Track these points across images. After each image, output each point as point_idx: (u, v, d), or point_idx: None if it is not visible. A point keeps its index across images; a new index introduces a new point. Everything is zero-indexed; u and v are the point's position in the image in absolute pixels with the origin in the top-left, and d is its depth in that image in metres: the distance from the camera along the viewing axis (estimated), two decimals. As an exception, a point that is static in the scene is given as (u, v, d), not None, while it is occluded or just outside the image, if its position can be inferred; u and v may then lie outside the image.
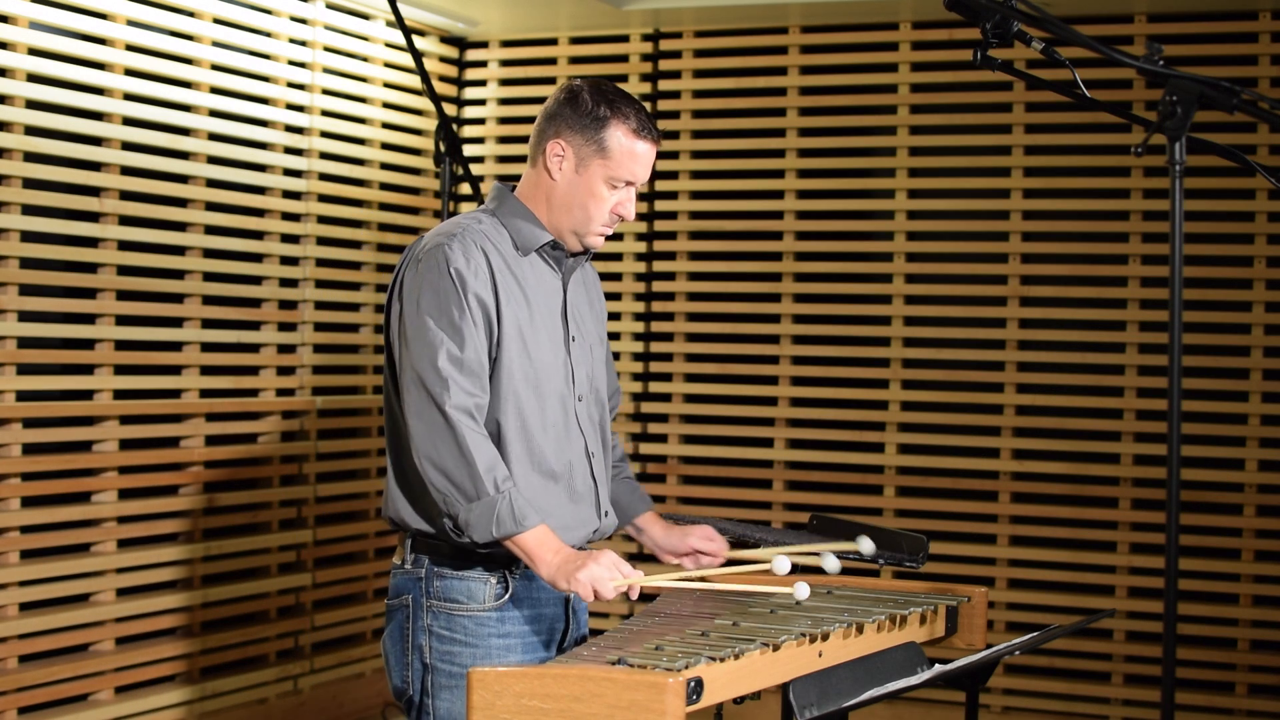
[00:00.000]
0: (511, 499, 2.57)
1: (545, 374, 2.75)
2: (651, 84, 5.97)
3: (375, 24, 5.59)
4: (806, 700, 2.46)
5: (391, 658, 2.80)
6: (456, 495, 2.58)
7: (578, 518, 2.79)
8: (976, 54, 2.52)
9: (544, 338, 2.76)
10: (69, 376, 4.51)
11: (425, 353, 2.63)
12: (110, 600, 4.60)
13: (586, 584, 2.53)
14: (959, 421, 5.51)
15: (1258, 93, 2.33)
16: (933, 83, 5.60)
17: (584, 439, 2.83)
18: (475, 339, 2.64)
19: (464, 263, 2.66)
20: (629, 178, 2.75)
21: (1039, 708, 5.38)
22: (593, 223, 2.77)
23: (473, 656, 2.71)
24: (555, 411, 2.76)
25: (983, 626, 3.01)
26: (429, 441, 2.60)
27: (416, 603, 2.75)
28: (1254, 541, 5.17)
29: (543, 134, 2.78)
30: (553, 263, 2.83)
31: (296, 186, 5.28)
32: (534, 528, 2.58)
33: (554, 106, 2.78)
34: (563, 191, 2.76)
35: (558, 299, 2.83)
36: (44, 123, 4.37)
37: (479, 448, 2.59)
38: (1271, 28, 5.17)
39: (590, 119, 2.73)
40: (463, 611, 2.73)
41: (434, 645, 2.73)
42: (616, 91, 2.78)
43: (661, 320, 5.95)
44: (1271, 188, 3.97)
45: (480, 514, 2.57)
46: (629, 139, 2.74)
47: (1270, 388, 5.17)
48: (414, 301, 2.67)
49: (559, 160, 2.75)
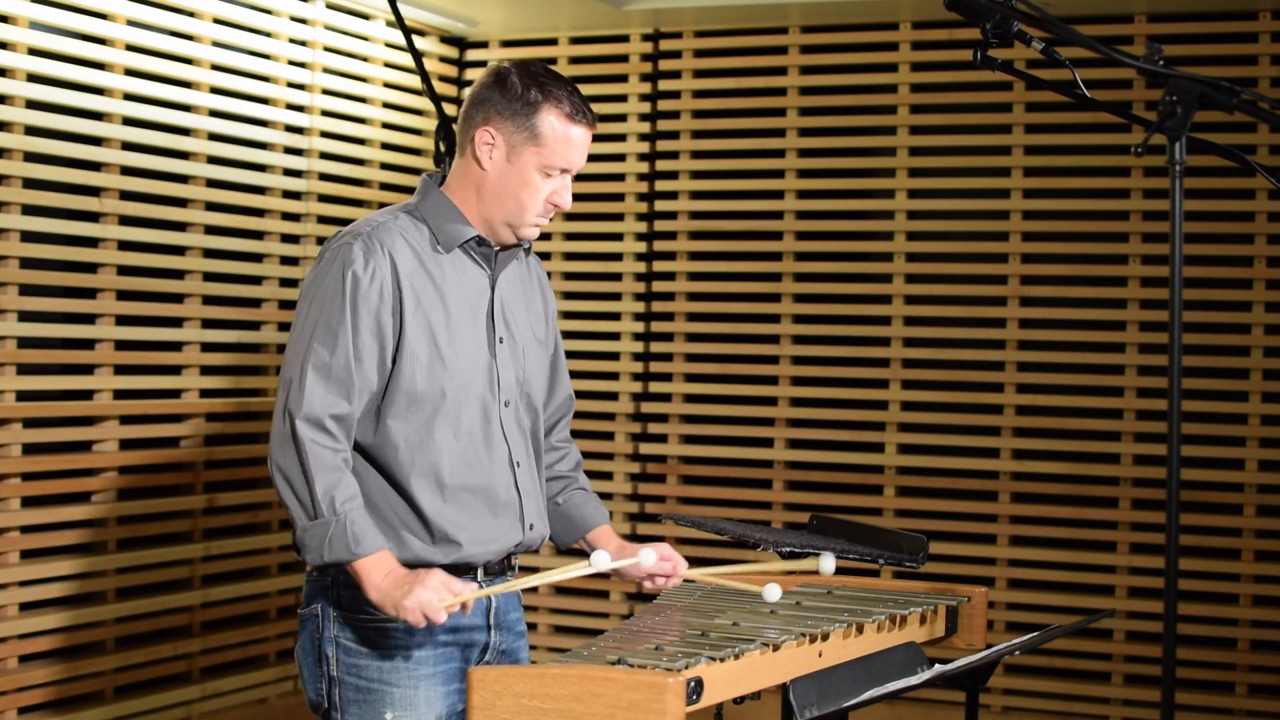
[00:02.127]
0: (348, 522, 2.43)
1: (462, 379, 2.59)
2: (651, 84, 5.97)
3: (375, 24, 5.59)
4: (806, 700, 2.46)
5: (304, 670, 2.66)
6: (298, 510, 2.47)
7: (496, 530, 2.65)
8: (976, 54, 2.52)
9: (463, 340, 2.60)
10: (69, 376, 4.51)
11: (295, 356, 2.51)
12: (110, 600, 4.60)
13: (414, 609, 2.39)
14: (959, 421, 5.51)
15: (1258, 93, 2.33)
16: (933, 83, 5.60)
17: (508, 447, 2.67)
18: (349, 345, 2.49)
19: (361, 264, 2.51)
20: (564, 165, 2.60)
21: (1039, 708, 5.38)
22: (526, 213, 2.61)
23: (380, 670, 2.58)
24: (474, 418, 2.61)
25: (983, 626, 3.00)
26: (279, 449, 2.49)
27: (324, 612, 2.60)
28: (1254, 541, 5.17)
29: (470, 121, 2.62)
30: (479, 260, 2.66)
31: (296, 186, 5.28)
32: (368, 555, 2.44)
33: (481, 91, 2.62)
34: (494, 181, 2.60)
35: (484, 298, 2.66)
36: (44, 123, 4.37)
37: (320, 464, 2.45)
38: (1271, 28, 5.17)
39: (521, 103, 2.58)
40: (369, 622, 2.57)
41: (340, 657, 2.59)
42: (547, 73, 2.63)
43: (661, 320, 5.95)
44: (1271, 188, 3.97)
45: (314, 535, 2.45)
46: (563, 124, 2.59)
47: (1270, 388, 5.17)
48: (304, 300, 2.57)
49: (489, 149, 2.59)
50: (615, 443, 5.95)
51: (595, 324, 5.99)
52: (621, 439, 5.96)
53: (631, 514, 5.92)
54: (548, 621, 5.96)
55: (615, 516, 5.90)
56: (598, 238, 6.03)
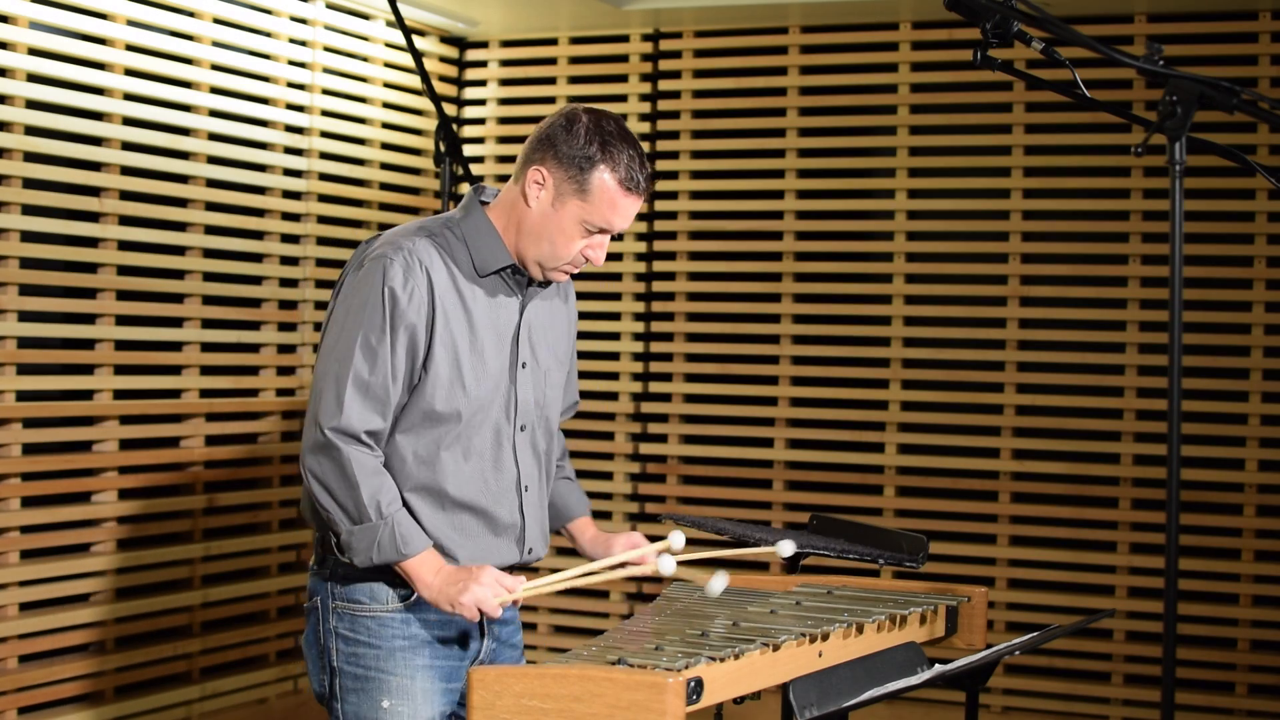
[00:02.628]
0: (395, 525, 2.50)
1: (480, 402, 2.62)
2: (651, 84, 5.97)
3: (375, 24, 5.59)
4: (806, 700, 2.46)
5: (309, 661, 2.71)
6: (340, 515, 2.52)
7: (495, 550, 2.67)
8: (976, 54, 2.52)
9: (485, 364, 2.63)
10: (69, 376, 4.51)
11: (334, 368, 2.55)
12: (110, 600, 4.60)
13: (470, 605, 2.47)
14: (959, 421, 5.51)
15: (1258, 93, 2.33)
16: (933, 83, 5.60)
17: (517, 470, 2.70)
18: (388, 363, 2.54)
19: (401, 281, 2.54)
20: (604, 225, 2.61)
21: (1039, 708, 5.38)
22: (559, 260, 2.64)
23: (376, 658, 2.62)
24: (486, 441, 2.65)
25: (983, 626, 3.00)
26: (315, 456, 2.54)
27: (325, 604, 2.66)
28: (1254, 541, 5.17)
29: (530, 156, 2.63)
30: (512, 285, 2.70)
31: (296, 186, 5.28)
32: (417, 554, 2.51)
33: (549, 129, 2.62)
34: (535, 221, 2.62)
35: (511, 323, 2.70)
36: (44, 123, 4.37)
37: (364, 470, 2.51)
38: (1271, 28, 5.17)
39: (579, 155, 2.57)
40: (366, 612, 2.63)
41: (339, 647, 2.64)
42: (617, 130, 2.61)
43: (661, 320, 5.95)
44: (1271, 188, 3.97)
45: (361, 538, 2.51)
46: (614, 188, 2.58)
47: (1270, 388, 5.17)
48: (343, 310, 2.59)
49: (538, 188, 2.61)
50: (615, 443, 5.95)
51: (595, 324, 5.99)
52: (621, 439, 5.96)
53: (631, 514, 5.92)
54: (548, 621, 5.96)
55: (615, 516, 5.90)
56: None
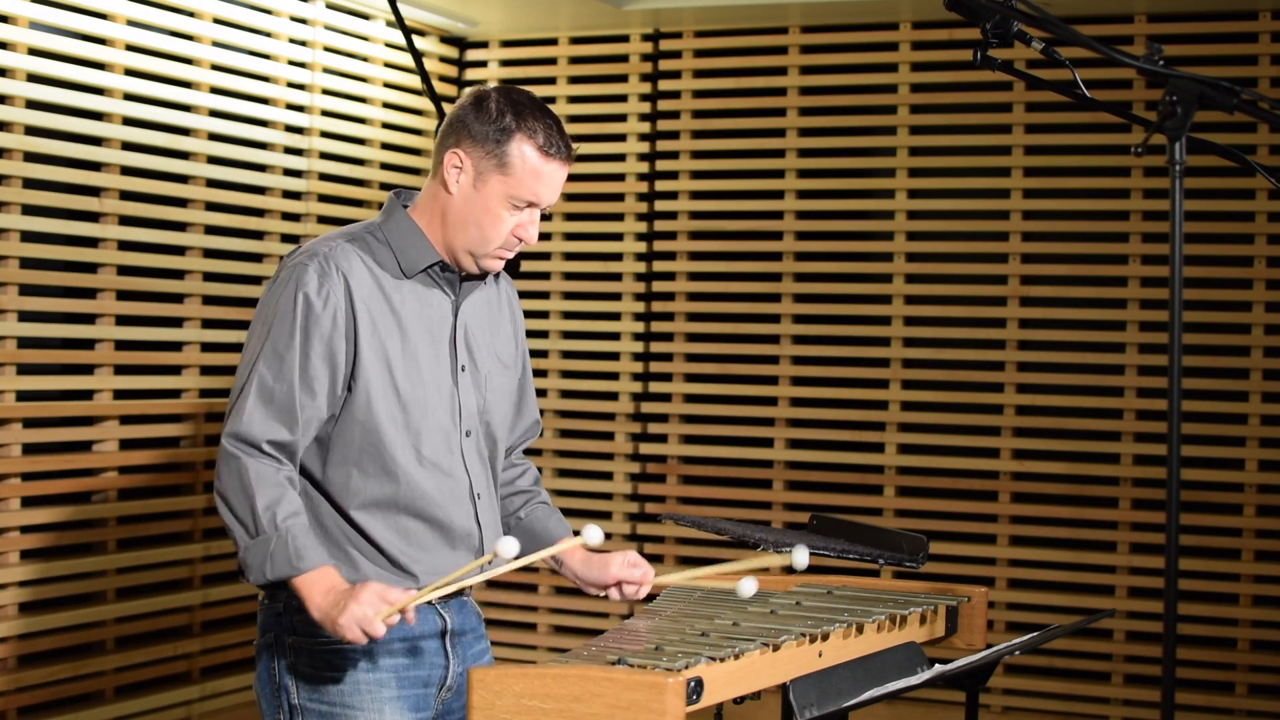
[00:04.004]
0: (290, 537, 2.34)
1: (421, 408, 2.48)
2: (651, 84, 5.97)
3: (375, 24, 5.59)
4: (806, 700, 2.46)
5: (262, 701, 2.54)
6: (239, 530, 2.38)
7: (453, 562, 2.53)
8: (976, 54, 2.51)
9: (422, 369, 2.50)
10: (69, 376, 4.51)
11: (239, 377, 2.44)
12: (110, 600, 4.60)
13: (350, 625, 2.28)
14: (959, 421, 5.52)
15: (1258, 93, 2.33)
16: (933, 83, 5.60)
17: (469, 479, 2.55)
18: (295, 371, 2.40)
19: (315, 287, 2.42)
20: (531, 198, 2.46)
21: (1039, 708, 5.38)
22: (489, 244, 2.48)
23: (342, 694, 2.47)
24: (436, 448, 2.50)
25: (983, 626, 3.00)
26: (219, 469, 2.40)
27: (280, 641, 2.49)
28: (1254, 541, 5.17)
29: (443, 141, 2.49)
30: (443, 285, 2.54)
31: (296, 186, 5.28)
32: (311, 569, 2.34)
33: (458, 112, 2.49)
34: (458, 207, 2.47)
35: (446, 325, 2.54)
36: (44, 123, 4.37)
37: (261, 480, 2.36)
38: (1271, 28, 5.17)
39: (493, 129, 2.44)
40: (327, 646, 2.46)
41: (299, 685, 2.48)
42: (529, 100, 2.48)
43: (661, 320, 5.95)
44: (1271, 188, 3.97)
45: (255, 553, 2.37)
46: (534, 156, 2.44)
47: (1270, 388, 5.17)
48: (258, 320, 2.47)
49: (456, 172, 2.47)
50: (615, 443, 5.95)
51: (595, 324, 5.99)
52: (621, 439, 5.96)
53: (631, 514, 5.92)
54: (548, 621, 5.96)
55: (615, 516, 5.90)
56: (598, 238, 6.03)
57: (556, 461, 6.02)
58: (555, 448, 6.02)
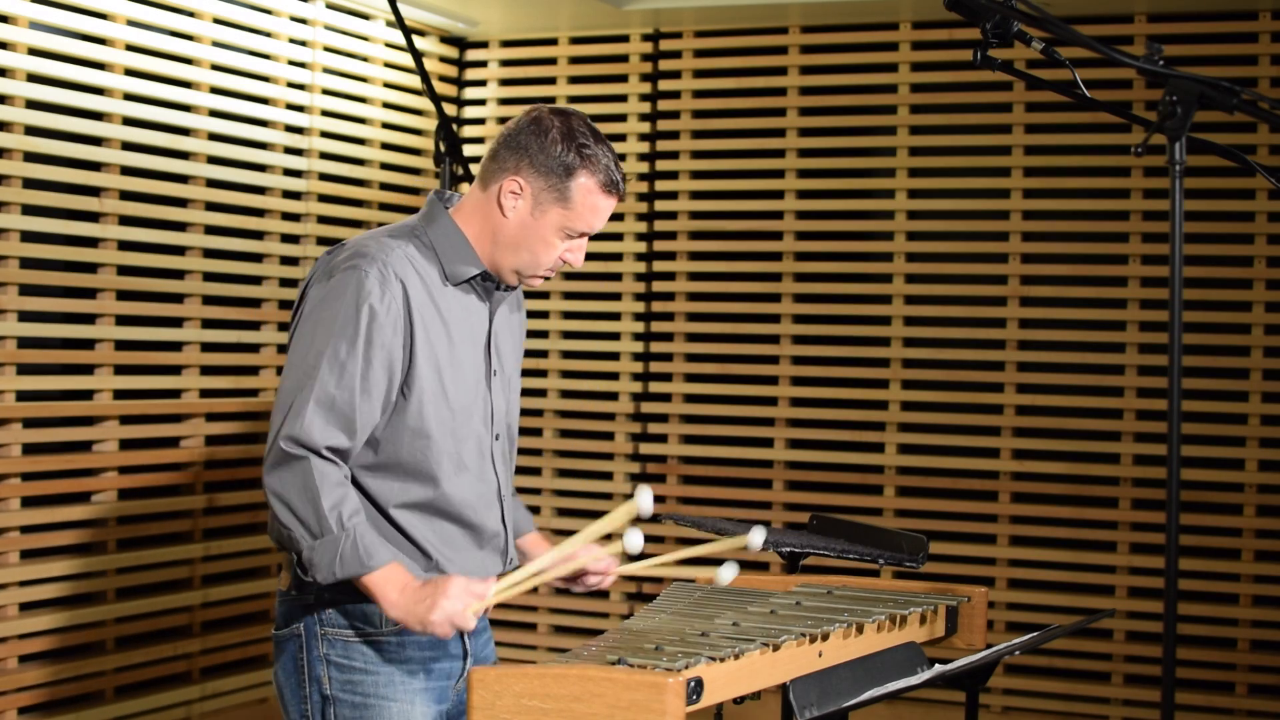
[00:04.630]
0: (357, 536, 2.39)
1: (463, 414, 2.55)
2: (651, 84, 5.97)
3: (375, 24, 5.59)
4: (806, 700, 2.46)
5: (286, 692, 2.60)
6: (301, 531, 2.40)
7: (481, 564, 2.61)
8: (976, 54, 2.52)
9: (465, 374, 2.56)
10: (69, 376, 4.51)
11: (298, 382, 2.44)
12: (110, 600, 4.60)
13: (441, 622, 2.36)
14: (959, 421, 5.52)
15: (1258, 93, 2.33)
16: (933, 83, 5.60)
17: (498, 480, 2.64)
18: (356, 379, 2.44)
19: (378, 295, 2.45)
20: (585, 229, 2.55)
21: (1039, 708, 5.38)
22: (539, 267, 2.55)
23: (375, 684, 2.53)
24: (471, 454, 2.57)
25: (983, 626, 3.00)
26: (275, 471, 2.42)
27: (310, 631, 2.55)
28: (1254, 541, 5.17)
29: (500, 162, 2.54)
30: (480, 292, 2.61)
31: (296, 186, 5.28)
32: (381, 566, 2.40)
33: (519, 135, 2.53)
34: (512, 231, 2.53)
35: (483, 331, 2.62)
36: (44, 123, 4.37)
37: (326, 480, 2.40)
38: (1271, 28, 5.17)
39: (557, 163, 2.50)
40: (359, 638, 2.53)
41: (333, 675, 2.54)
42: (589, 132, 2.53)
43: (661, 320, 5.95)
44: (1271, 188, 3.97)
45: (323, 553, 2.39)
46: (595, 193, 2.52)
47: (1270, 388, 5.17)
48: (311, 323, 2.48)
49: (514, 198, 2.52)
50: (615, 443, 5.95)
51: (595, 324, 5.99)
52: (621, 439, 5.96)
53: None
54: (548, 621, 5.96)
55: (615, 516, 5.89)
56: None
57: (556, 461, 6.02)
58: (555, 448, 6.02)
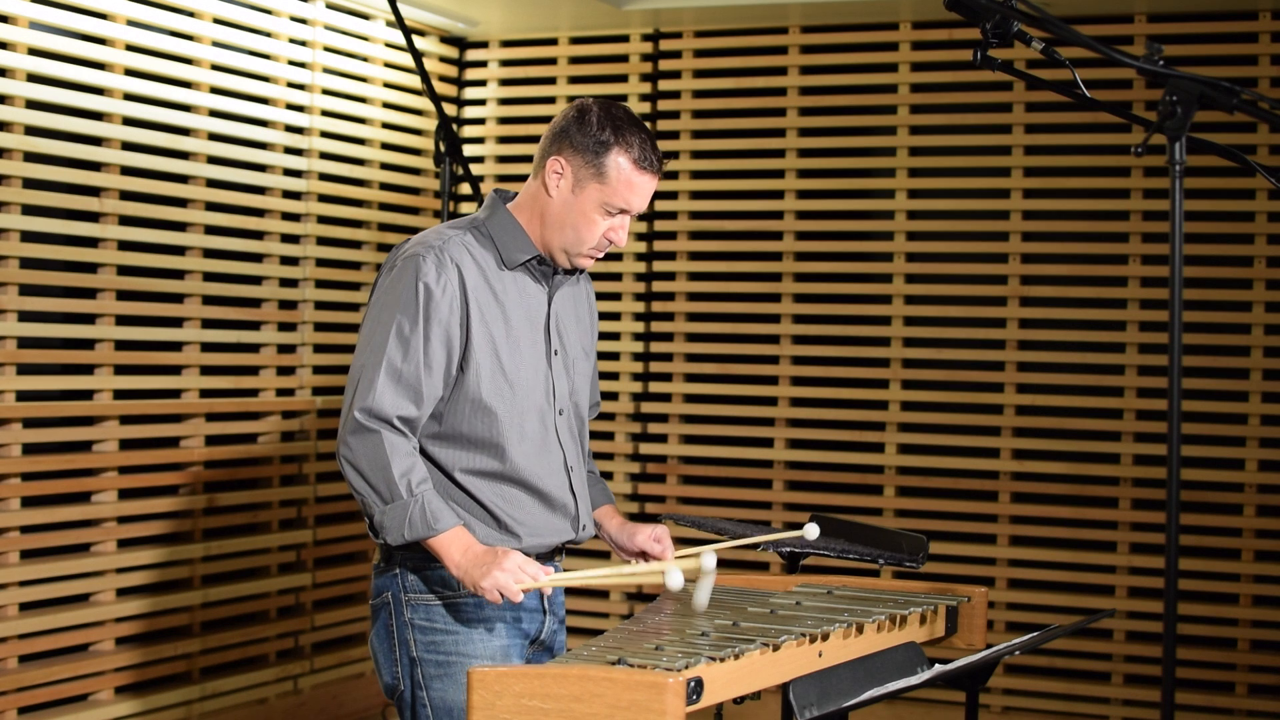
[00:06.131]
0: (425, 501, 2.63)
1: (523, 389, 2.78)
2: (651, 84, 5.97)
3: (375, 24, 5.59)
4: (806, 700, 2.46)
5: (380, 655, 2.84)
6: (373, 497, 2.65)
7: (551, 525, 2.84)
8: (976, 54, 2.52)
9: (523, 352, 2.79)
10: (69, 376, 4.51)
11: (368, 358, 2.69)
12: (110, 600, 4.59)
13: (491, 589, 2.57)
14: (959, 421, 5.52)
15: (1258, 93, 2.33)
16: (933, 83, 5.60)
17: (563, 452, 2.86)
18: (420, 352, 2.69)
19: (434, 277, 2.70)
20: (624, 206, 2.76)
21: (1039, 708, 5.38)
22: (583, 244, 2.79)
23: (456, 643, 2.77)
24: (533, 425, 2.80)
25: (983, 626, 3.00)
26: (348, 441, 2.67)
27: (396, 599, 2.80)
28: (1254, 541, 5.17)
29: (546, 149, 2.80)
30: (539, 276, 2.85)
31: (296, 186, 5.28)
32: (446, 530, 2.63)
33: (562, 122, 2.79)
34: (557, 210, 2.78)
35: (541, 313, 2.85)
36: (44, 123, 4.37)
37: (396, 450, 2.65)
38: (1271, 28, 5.17)
39: (593, 141, 2.74)
40: (440, 601, 2.78)
41: (418, 638, 2.78)
42: (626, 116, 2.78)
43: (661, 320, 5.95)
44: (1271, 188, 3.97)
45: (394, 516, 2.64)
46: (629, 168, 2.74)
47: (1270, 388, 5.17)
48: (378, 307, 2.74)
49: (557, 178, 2.77)
50: (615, 443, 5.95)
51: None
52: (621, 439, 5.96)
53: (631, 514, 5.92)
54: (548, 621, 5.96)
55: (615, 516, 5.90)
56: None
57: (556, 461, 6.01)
58: (555, 448, 6.01)
